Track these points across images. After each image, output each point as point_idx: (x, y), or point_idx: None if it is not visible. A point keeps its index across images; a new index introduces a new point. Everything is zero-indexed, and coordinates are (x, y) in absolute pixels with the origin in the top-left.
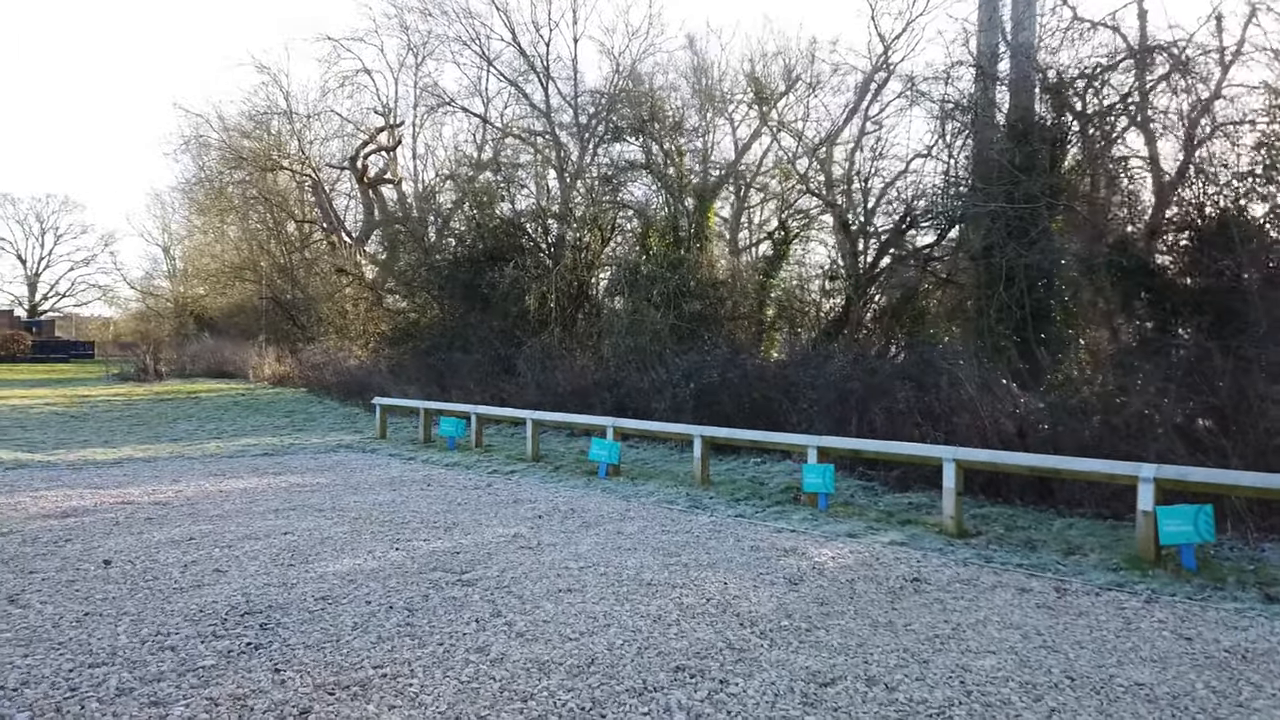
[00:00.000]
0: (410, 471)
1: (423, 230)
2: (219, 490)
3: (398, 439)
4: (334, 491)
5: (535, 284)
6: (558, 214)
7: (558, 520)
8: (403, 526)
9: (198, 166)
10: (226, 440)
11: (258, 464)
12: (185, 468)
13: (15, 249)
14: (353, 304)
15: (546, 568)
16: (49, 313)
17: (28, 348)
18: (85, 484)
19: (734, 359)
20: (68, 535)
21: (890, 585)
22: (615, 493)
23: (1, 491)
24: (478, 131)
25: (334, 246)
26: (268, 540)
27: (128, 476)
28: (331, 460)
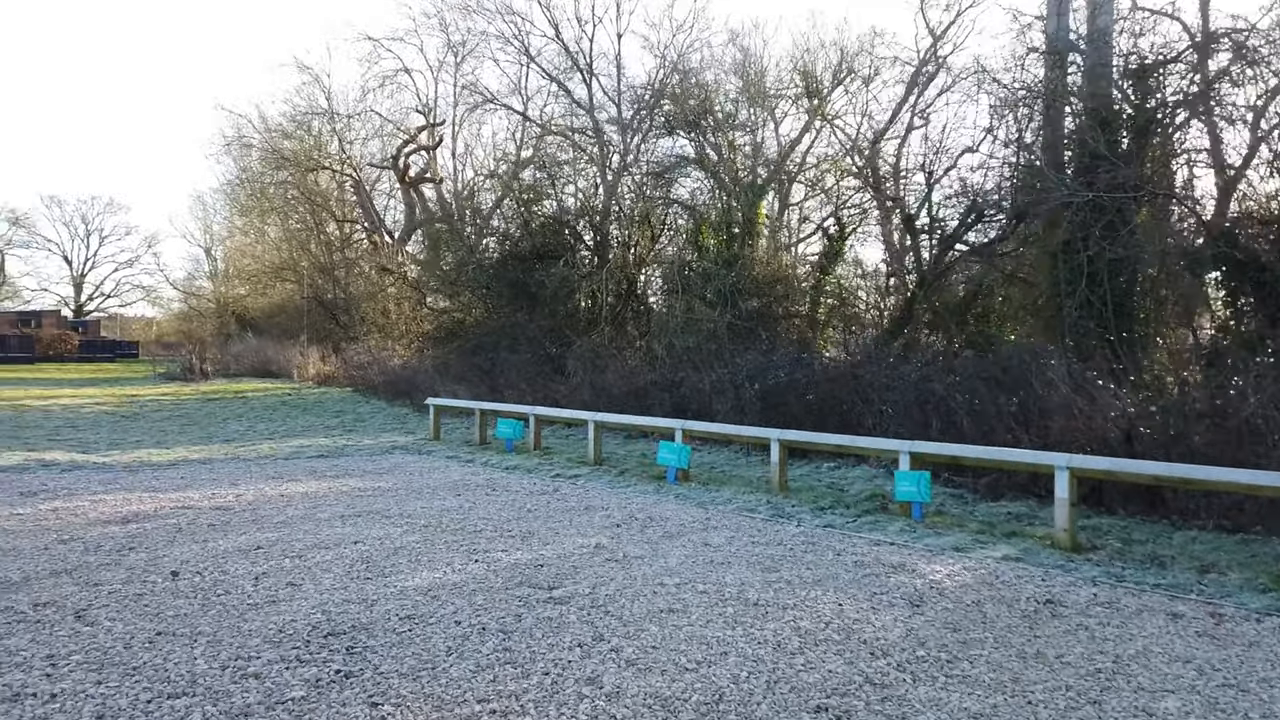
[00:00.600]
0: (471, 475)
1: (467, 228)
2: (279, 494)
3: (452, 440)
4: (397, 496)
5: (585, 282)
6: (605, 211)
7: (637, 529)
8: (476, 535)
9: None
10: (279, 441)
11: (314, 466)
12: (242, 470)
13: (62, 250)
14: (395, 303)
15: (640, 584)
16: (94, 313)
17: (75, 347)
18: (143, 487)
19: (800, 359)
20: (130, 543)
21: (1022, 608)
22: (690, 499)
23: (59, 495)
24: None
25: (375, 246)
26: (338, 550)
27: (185, 479)
28: (388, 463)
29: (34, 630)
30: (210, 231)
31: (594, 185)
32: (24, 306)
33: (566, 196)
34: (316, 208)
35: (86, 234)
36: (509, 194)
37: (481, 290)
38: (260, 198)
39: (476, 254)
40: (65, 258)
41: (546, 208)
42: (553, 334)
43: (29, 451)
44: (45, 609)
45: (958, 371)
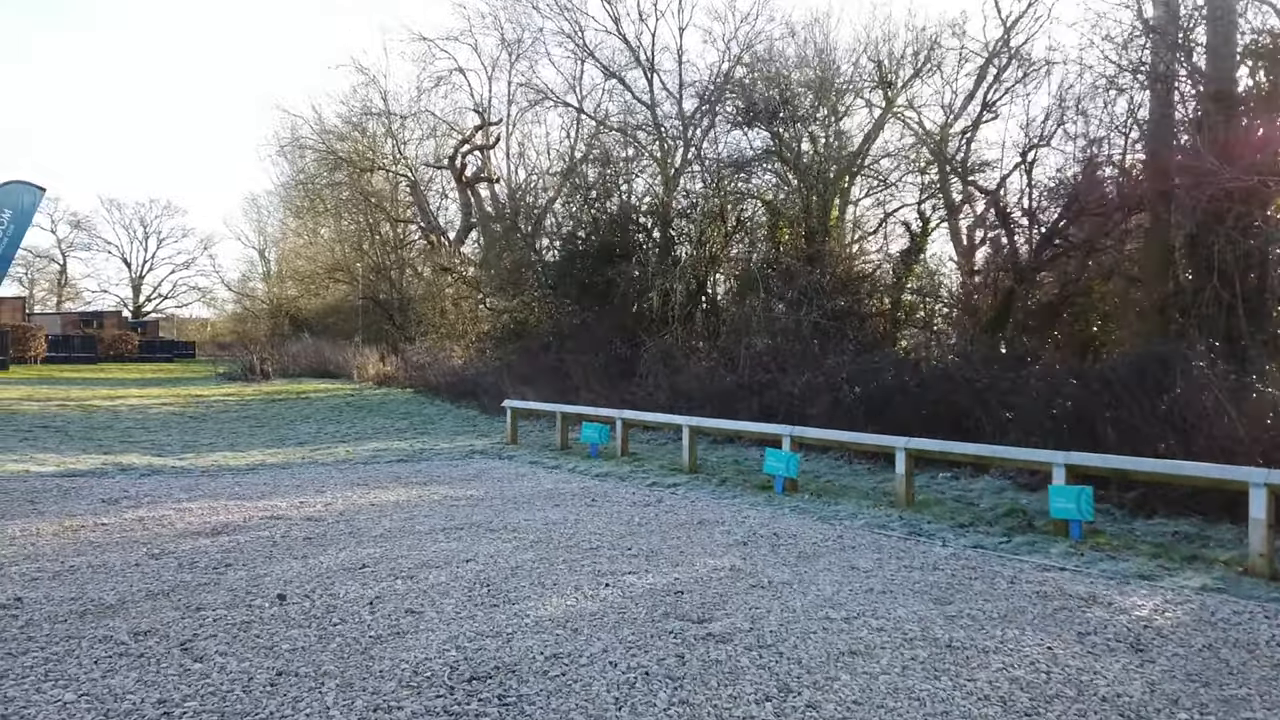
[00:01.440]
0: (562, 483)
1: (529, 226)
2: (370, 503)
3: (531, 444)
4: (494, 507)
5: (658, 280)
6: (665, 208)
7: (767, 549)
8: (594, 554)
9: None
10: (354, 444)
11: (397, 472)
12: (323, 476)
13: (121, 252)
14: (452, 303)
15: (802, 616)
16: (151, 314)
17: (135, 347)
18: (227, 494)
19: (904, 360)
20: (226, 558)
21: (1272, 657)
22: (809, 513)
23: (143, 503)
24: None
25: (433, 246)
26: (451, 570)
27: (268, 485)
28: (472, 469)
29: (139, 667)
30: (264, 233)
31: (655, 182)
32: (84, 307)
33: (628, 193)
34: (373, 208)
35: (145, 236)
36: (574, 191)
37: (545, 290)
38: (315, 199)
39: (539, 252)
40: (124, 260)
41: (611, 205)
42: (622, 334)
43: (104, 455)
44: (147, 639)
45: (1087, 376)
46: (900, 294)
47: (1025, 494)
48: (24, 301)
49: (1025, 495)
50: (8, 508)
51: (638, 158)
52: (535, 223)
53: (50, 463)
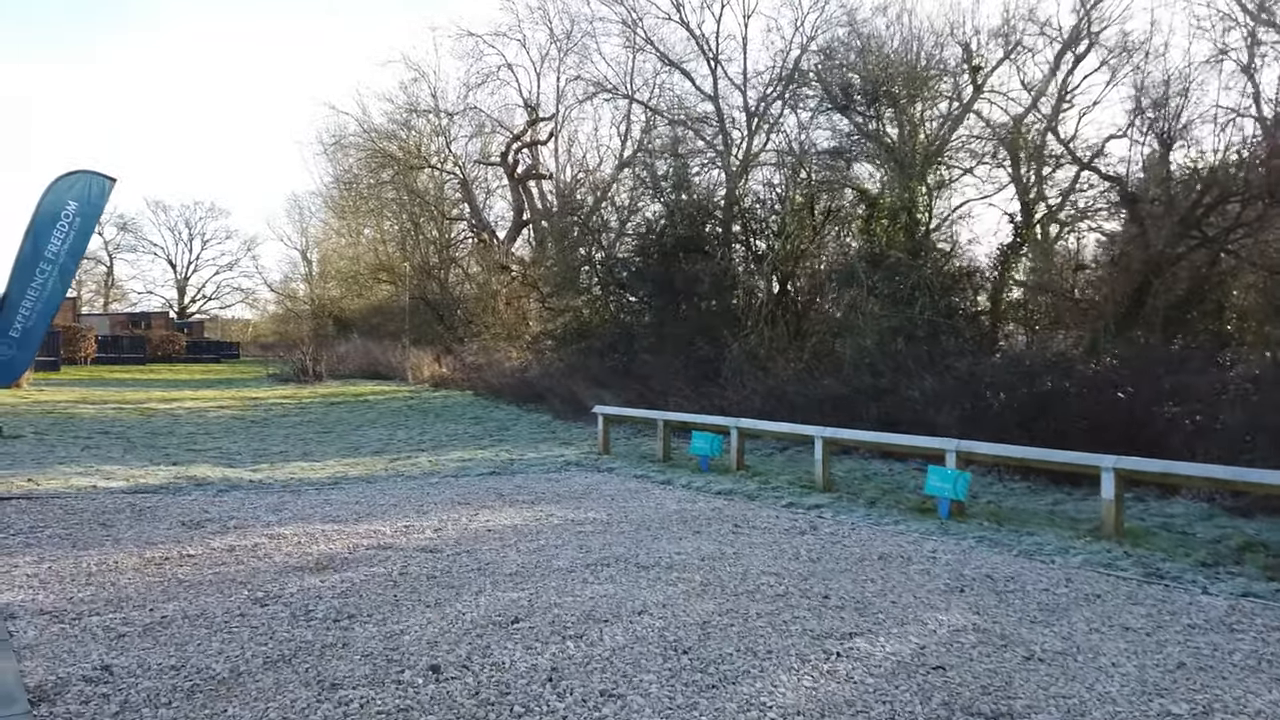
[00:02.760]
0: (686, 503)
1: (598, 222)
2: (483, 528)
3: (626, 454)
4: (627, 534)
5: (746, 277)
6: (730, 202)
7: (993, 597)
8: (786, 603)
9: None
10: (434, 453)
11: (496, 488)
12: (417, 492)
13: (166, 254)
14: (505, 302)
15: (1135, 711)
16: (196, 315)
17: (183, 348)
18: (318, 515)
19: (1057, 363)
20: (344, 605)
21: None
22: (1002, 545)
23: (229, 527)
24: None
25: (485, 244)
26: (625, 626)
27: (361, 505)
28: (575, 484)
29: None
30: (306, 234)
31: (720, 177)
32: (130, 308)
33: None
34: (425, 205)
35: (189, 238)
36: (641, 185)
37: (613, 288)
38: (363, 198)
39: (605, 248)
40: (170, 261)
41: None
42: (702, 334)
43: (173, 466)
44: None
45: (1263, 379)
46: (1001, 290)
47: (1239, 520)
48: (74, 302)
49: (1240, 521)
50: (80, 533)
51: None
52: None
53: (118, 476)
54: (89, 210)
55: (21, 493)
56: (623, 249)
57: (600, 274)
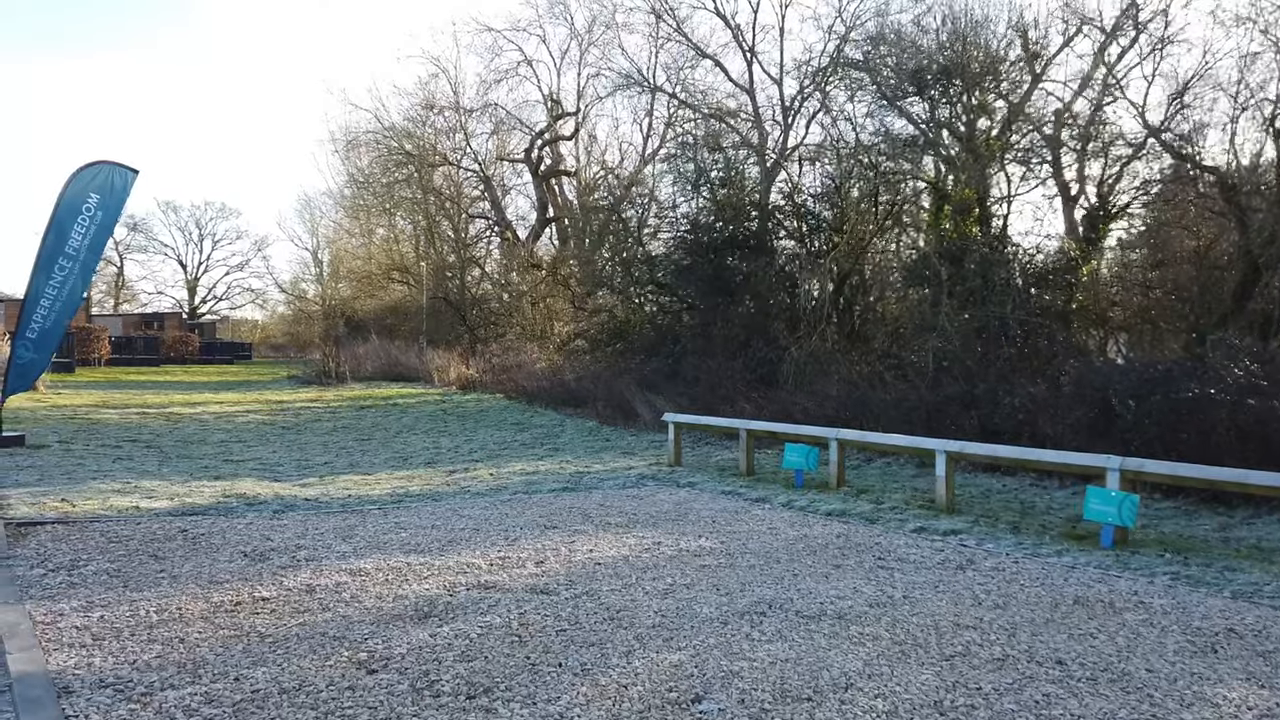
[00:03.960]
0: (801, 527)
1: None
2: (588, 560)
3: (698, 465)
4: (757, 568)
5: (807, 274)
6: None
7: (1260, 660)
8: (1019, 671)
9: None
10: (490, 464)
11: (578, 507)
12: (492, 513)
13: (177, 254)
14: (531, 303)
15: None
16: (206, 315)
17: (196, 349)
18: (395, 542)
19: (1192, 368)
20: (472, 674)
21: None
22: (1204, 584)
23: (300, 560)
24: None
25: (508, 243)
26: (841, 709)
27: (439, 529)
28: (662, 503)
29: None
30: (317, 234)
31: (759, 168)
32: (141, 309)
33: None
34: (449, 203)
35: (200, 238)
36: (682, 180)
37: (654, 286)
38: (377, 196)
39: (642, 244)
40: (180, 261)
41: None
42: (757, 335)
43: (216, 480)
44: None
45: None
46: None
47: None
48: (86, 302)
49: None
50: (130, 568)
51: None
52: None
53: (160, 494)
54: (111, 203)
55: (57, 516)
56: (662, 246)
57: (639, 273)
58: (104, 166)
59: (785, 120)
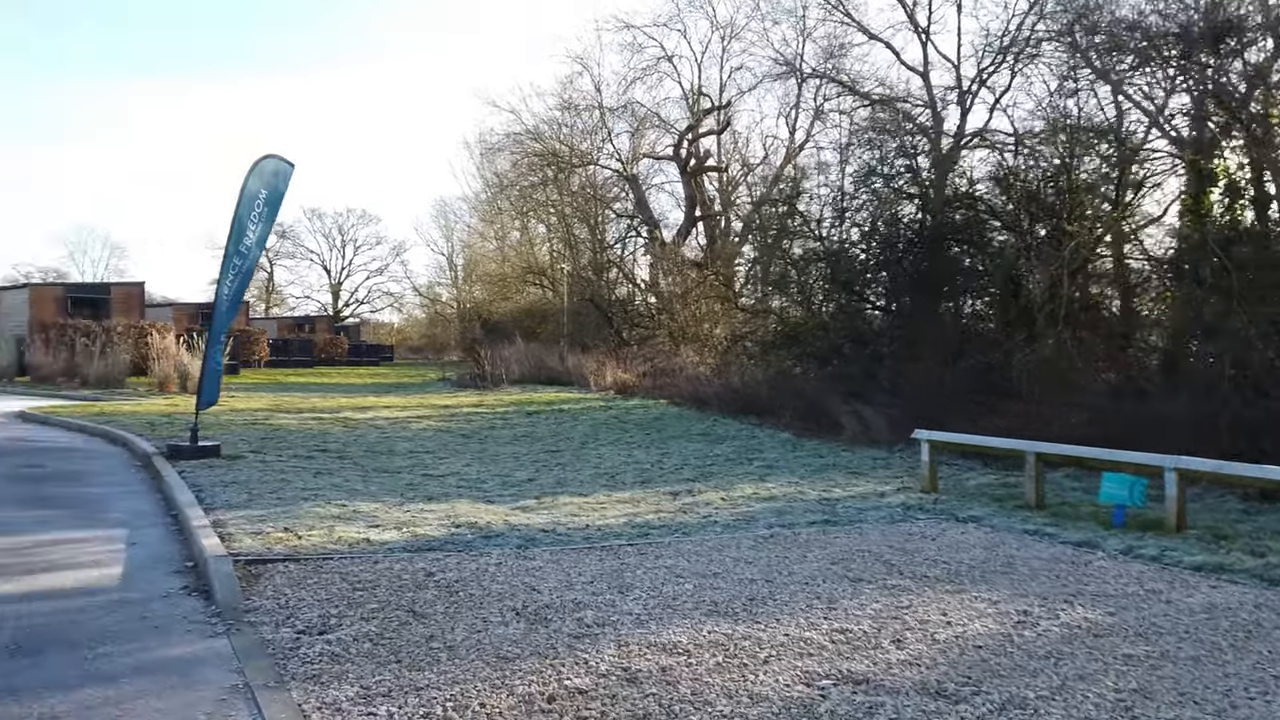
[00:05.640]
0: (1188, 589)
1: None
2: (953, 639)
3: (963, 493)
4: (1215, 666)
5: (1033, 268)
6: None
7: None
8: None
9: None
10: (713, 486)
11: (865, 549)
12: (767, 554)
13: (321, 260)
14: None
15: None
16: (349, 318)
17: (345, 351)
18: (686, 598)
19: None
20: None
21: None
22: None
23: (590, 628)
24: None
25: (660, 242)
26: None
27: (720, 576)
28: (962, 544)
29: None
30: (452, 239)
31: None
32: (289, 313)
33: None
34: (589, 203)
35: (342, 244)
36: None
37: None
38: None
39: (822, 240)
40: (324, 267)
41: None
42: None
43: (428, 502)
44: None
45: None
46: None
47: None
48: (247, 306)
49: None
50: (393, 633)
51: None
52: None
53: (383, 521)
54: (274, 197)
55: (285, 551)
56: (846, 241)
57: (818, 271)
58: (269, 160)
59: (964, 105)
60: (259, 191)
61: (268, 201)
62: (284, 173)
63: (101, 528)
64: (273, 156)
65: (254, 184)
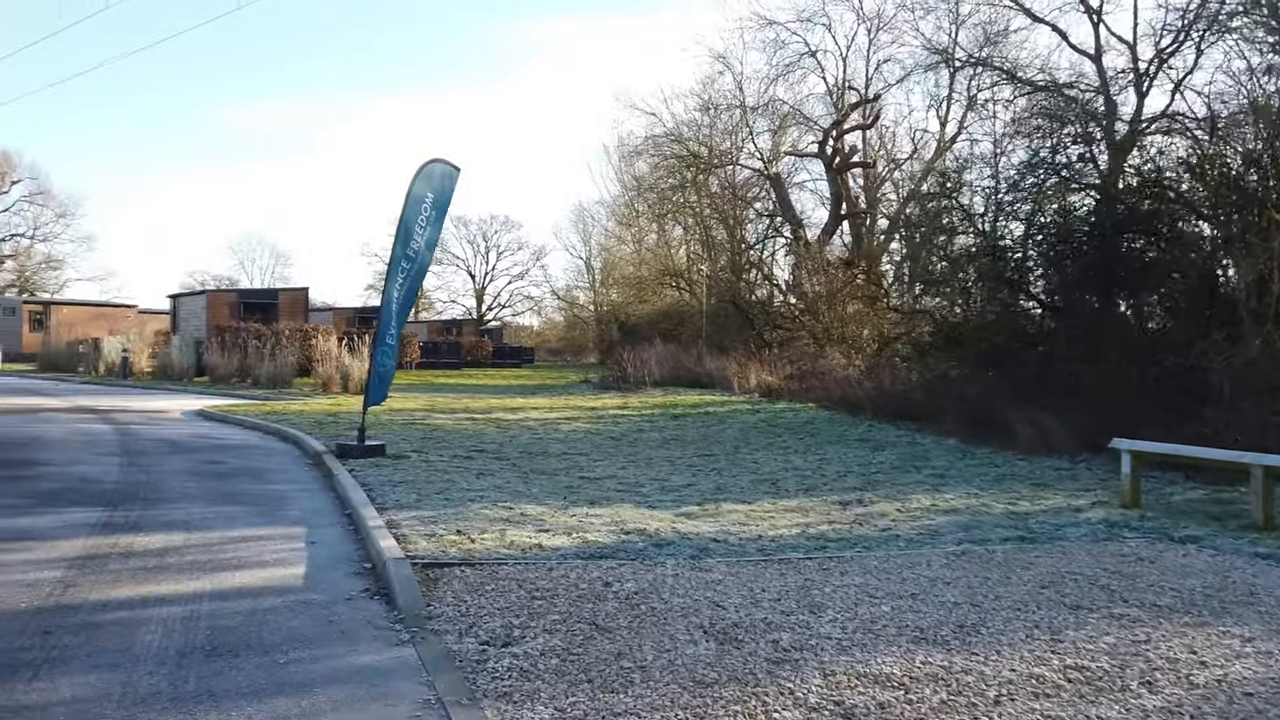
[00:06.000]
0: None
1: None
2: (1214, 682)
3: (1169, 509)
4: None
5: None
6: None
7: None
8: None
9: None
10: (885, 496)
11: (1073, 572)
12: (965, 575)
13: (466, 265)
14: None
15: None
16: (491, 322)
17: (489, 353)
18: (884, 620)
19: None
20: None
21: None
22: None
23: (789, 651)
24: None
25: (799, 242)
26: None
27: (918, 599)
28: (1187, 569)
29: None
30: (590, 243)
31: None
32: (437, 316)
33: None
34: (729, 204)
35: (486, 250)
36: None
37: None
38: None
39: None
40: (469, 272)
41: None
42: (1166, 339)
43: (592, 505)
44: None
45: None
46: None
47: None
48: None
49: None
50: (581, 649)
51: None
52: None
53: (551, 525)
54: (441, 201)
55: (460, 555)
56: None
57: (982, 267)
58: (436, 164)
59: (1140, 86)
60: (425, 195)
61: (435, 205)
62: (450, 176)
63: (281, 525)
64: (439, 160)
65: (420, 187)
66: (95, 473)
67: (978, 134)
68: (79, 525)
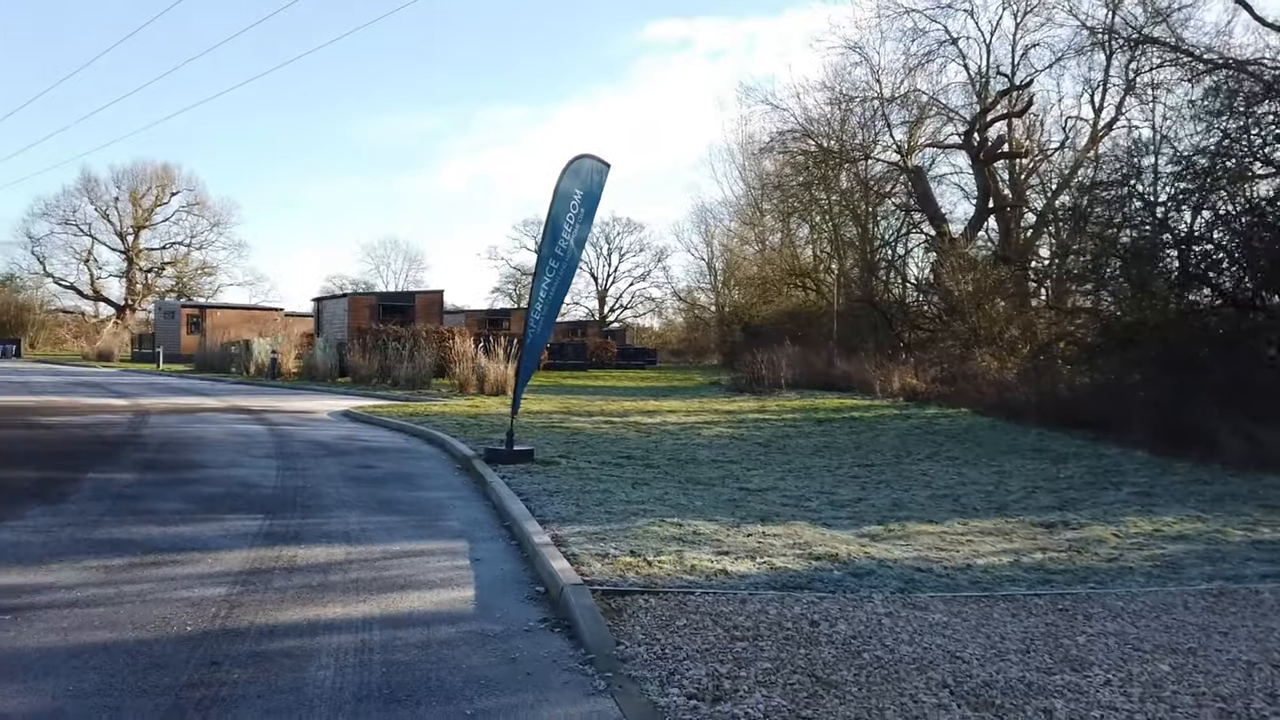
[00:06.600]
0: None
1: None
2: None
3: None
4: None
5: None
6: None
7: None
8: None
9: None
10: (1090, 518)
11: None
12: (1248, 626)
13: (589, 268)
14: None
15: None
16: (613, 323)
17: (614, 355)
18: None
19: None
20: None
21: None
22: None
23: None
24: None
25: (943, 238)
26: None
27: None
28: None
29: None
30: (712, 243)
31: None
32: (561, 318)
33: None
34: (863, 200)
35: (609, 252)
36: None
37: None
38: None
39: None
40: (592, 274)
41: None
42: None
43: (764, 523)
44: None
45: None
46: None
47: None
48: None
49: None
50: (806, 709)
51: None
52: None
53: (730, 546)
54: (590, 198)
55: (640, 582)
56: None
57: (1164, 262)
58: (585, 160)
59: None
60: (573, 191)
61: (584, 202)
62: (600, 172)
63: (442, 539)
64: (588, 156)
65: (568, 183)
66: (253, 476)
67: (1137, 119)
68: (240, 535)
